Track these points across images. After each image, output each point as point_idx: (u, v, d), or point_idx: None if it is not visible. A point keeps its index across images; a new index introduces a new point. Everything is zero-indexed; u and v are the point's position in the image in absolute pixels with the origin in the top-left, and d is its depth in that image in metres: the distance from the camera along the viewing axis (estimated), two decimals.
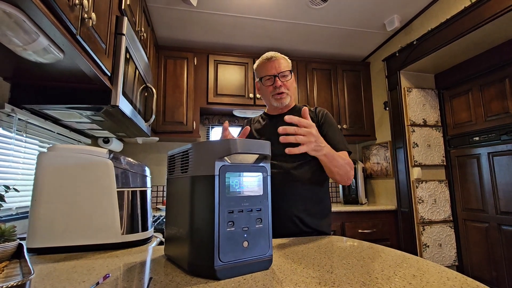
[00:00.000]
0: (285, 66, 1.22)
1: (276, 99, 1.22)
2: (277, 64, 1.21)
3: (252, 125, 1.33)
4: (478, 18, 1.85)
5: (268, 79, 1.22)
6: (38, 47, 0.81)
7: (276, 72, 1.20)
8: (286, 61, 1.25)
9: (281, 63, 1.21)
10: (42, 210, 0.82)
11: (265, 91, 1.25)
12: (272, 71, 1.20)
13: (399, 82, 2.57)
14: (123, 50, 1.26)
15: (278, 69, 1.20)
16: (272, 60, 1.22)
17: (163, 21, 2.38)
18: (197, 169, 0.61)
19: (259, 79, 1.26)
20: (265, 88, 1.24)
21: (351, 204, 2.74)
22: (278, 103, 1.22)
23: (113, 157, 0.91)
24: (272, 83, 1.21)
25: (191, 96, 2.57)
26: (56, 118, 1.46)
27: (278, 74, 1.20)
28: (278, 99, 1.22)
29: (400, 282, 0.53)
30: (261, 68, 1.25)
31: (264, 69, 1.23)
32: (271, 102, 1.24)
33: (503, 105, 2.09)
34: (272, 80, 1.21)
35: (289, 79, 1.22)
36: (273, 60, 1.22)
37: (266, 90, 1.24)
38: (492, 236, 2.15)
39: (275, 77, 1.20)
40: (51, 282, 0.57)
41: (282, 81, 1.20)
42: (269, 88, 1.23)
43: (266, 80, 1.22)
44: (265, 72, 1.22)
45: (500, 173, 2.12)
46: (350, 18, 2.39)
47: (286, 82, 1.22)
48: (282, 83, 1.20)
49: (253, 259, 0.60)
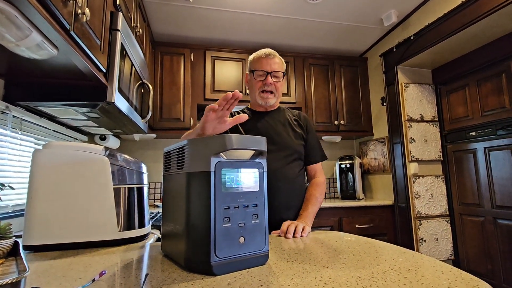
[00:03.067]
0: (280, 67, 1.24)
1: (262, 97, 1.23)
2: (273, 62, 1.22)
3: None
4: (475, 13, 1.85)
5: (260, 74, 1.22)
6: (31, 43, 0.80)
7: (270, 70, 1.21)
8: (282, 63, 1.26)
9: (276, 62, 1.23)
10: (38, 207, 0.82)
11: (254, 85, 1.25)
12: (266, 67, 1.21)
13: (396, 78, 2.56)
14: (119, 46, 1.24)
15: (272, 67, 1.21)
16: (269, 57, 1.22)
17: (159, 16, 2.36)
18: (193, 165, 0.61)
19: (250, 71, 1.27)
20: (254, 82, 1.25)
21: (348, 199, 2.75)
22: (262, 102, 1.23)
23: (109, 154, 0.91)
24: (263, 79, 1.22)
25: (188, 93, 2.55)
26: (52, 115, 1.45)
27: (271, 72, 1.21)
28: (264, 97, 1.23)
29: (395, 276, 0.53)
30: (256, 61, 1.25)
31: (259, 63, 1.23)
32: (256, 99, 1.25)
33: (500, 100, 2.10)
34: (264, 76, 1.21)
35: (280, 80, 1.24)
36: (270, 57, 1.22)
37: (255, 84, 1.24)
38: (488, 230, 2.17)
39: (268, 74, 1.21)
40: (47, 279, 0.56)
41: (273, 81, 1.22)
42: (258, 83, 1.23)
43: (258, 75, 1.23)
44: (259, 66, 1.22)
45: (496, 167, 2.13)
46: (347, 13, 2.38)
47: (277, 83, 1.23)
48: (272, 82, 1.21)
49: (249, 255, 0.60)
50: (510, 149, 2.02)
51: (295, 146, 1.22)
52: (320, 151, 1.30)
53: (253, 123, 1.24)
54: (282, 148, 1.19)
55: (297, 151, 1.22)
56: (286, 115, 1.30)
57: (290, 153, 1.20)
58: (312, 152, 1.27)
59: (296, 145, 1.22)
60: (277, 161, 1.16)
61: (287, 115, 1.30)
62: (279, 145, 1.19)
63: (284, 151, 1.19)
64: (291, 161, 1.20)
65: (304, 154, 1.26)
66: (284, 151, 1.19)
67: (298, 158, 1.23)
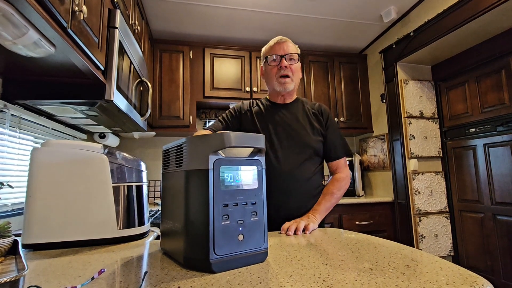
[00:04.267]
0: (293, 49, 1.19)
1: (280, 82, 1.17)
2: (286, 46, 1.17)
3: (252, 108, 1.27)
4: (475, 9, 1.84)
5: (274, 59, 1.17)
6: (28, 41, 0.80)
7: (283, 53, 1.16)
8: (295, 46, 1.22)
9: (289, 46, 1.18)
10: (37, 206, 0.82)
11: (269, 72, 1.20)
12: (279, 51, 1.17)
13: (396, 74, 2.56)
14: (117, 44, 1.24)
15: (286, 50, 1.16)
16: (281, 42, 1.18)
17: (158, 14, 2.34)
18: (191, 163, 0.61)
19: (264, 60, 1.22)
20: (269, 69, 1.20)
21: (348, 196, 2.75)
22: (281, 88, 1.18)
23: (108, 152, 0.91)
24: (278, 64, 1.17)
25: (187, 90, 2.55)
26: (50, 113, 1.45)
27: (285, 55, 1.16)
28: (282, 83, 1.17)
29: (394, 272, 0.53)
30: (268, 49, 1.21)
31: (272, 50, 1.19)
32: (274, 86, 1.19)
33: (499, 97, 2.10)
34: (278, 60, 1.17)
35: (296, 63, 1.19)
36: (282, 41, 1.18)
37: (271, 71, 1.19)
38: (487, 226, 2.18)
39: (282, 57, 1.16)
40: (46, 277, 0.56)
41: (289, 64, 1.17)
42: (273, 70, 1.18)
43: (272, 61, 1.18)
44: (272, 52, 1.18)
45: (495, 164, 2.13)
46: (346, 9, 2.37)
47: (292, 66, 1.17)
48: (288, 65, 1.16)
49: (249, 252, 0.60)
50: (510, 146, 2.02)
51: (312, 143, 1.16)
52: (342, 146, 1.23)
53: (270, 116, 1.21)
54: (297, 144, 1.15)
55: (314, 148, 1.16)
56: (305, 108, 1.24)
57: (306, 150, 1.15)
58: (334, 147, 1.20)
59: (313, 141, 1.16)
60: (291, 159, 1.12)
61: (306, 108, 1.23)
62: (295, 141, 1.15)
63: (299, 147, 1.14)
64: (306, 159, 1.14)
65: (325, 150, 1.20)
66: (299, 147, 1.14)
67: (314, 155, 1.17)
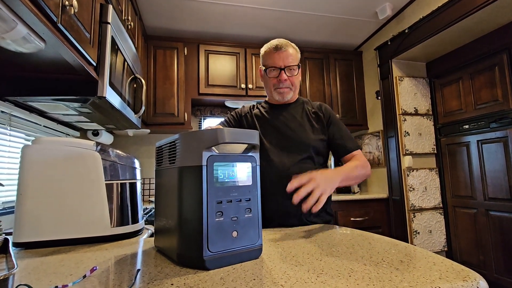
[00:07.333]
0: (293, 59, 1.13)
1: (278, 93, 1.16)
2: (285, 56, 1.12)
3: (252, 110, 1.26)
4: (469, 6, 1.84)
5: (273, 70, 1.14)
6: (17, 36, 0.78)
7: (283, 65, 1.11)
8: (296, 52, 1.17)
9: (290, 55, 1.12)
10: (28, 204, 0.80)
11: (268, 82, 1.17)
12: (279, 63, 1.12)
13: (391, 71, 2.56)
14: (109, 40, 1.22)
15: (285, 61, 1.12)
16: (280, 51, 1.12)
17: (152, 9, 2.32)
18: (184, 159, 0.60)
19: (263, 68, 1.18)
20: (268, 79, 1.17)
21: (343, 193, 2.77)
22: (279, 97, 1.17)
23: (101, 149, 0.90)
24: (277, 76, 1.13)
25: (182, 87, 2.53)
26: (42, 110, 1.42)
27: (284, 67, 1.11)
28: (280, 93, 1.15)
29: (388, 267, 0.53)
30: (267, 56, 1.16)
31: (271, 59, 1.14)
32: (273, 95, 1.18)
33: (493, 93, 2.11)
34: (277, 72, 1.13)
35: (296, 74, 1.15)
36: (282, 51, 1.12)
37: (270, 81, 1.16)
38: (480, 222, 2.21)
39: (281, 70, 1.12)
40: (37, 276, 0.56)
41: (288, 76, 1.13)
42: (272, 80, 1.15)
43: (271, 71, 1.14)
44: (271, 63, 1.13)
45: (488, 160, 2.15)
46: (341, 6, 2.36)
47: (292, 77, 1.14)
48: (287, 78, 1.13)
49: (243, 249, 0.60)
50: (503, 142, 2.04)
51: (311, 142, 1.13)
52: (351, 140, 1.17)
53: (270, 117, 1.19)
54: (296, 144, 1.13)
55: (314, 147, 1.13)
56: (306, 108, 1.21)
57: (305, 149, 1.12)
58: (342, 143, 1.15)
59: (312, 141, 1.13)
60: (290, 158, 1.10)
61: (306, 109, 1.21)
62: (293, 141, 1.13)
63: (298, 147, 1.12)
64: (306, 158, 1.12)
65: (334, 148, 1.18)
66: (298, 147, 1.12)
67: (315, 154, 1.14)
